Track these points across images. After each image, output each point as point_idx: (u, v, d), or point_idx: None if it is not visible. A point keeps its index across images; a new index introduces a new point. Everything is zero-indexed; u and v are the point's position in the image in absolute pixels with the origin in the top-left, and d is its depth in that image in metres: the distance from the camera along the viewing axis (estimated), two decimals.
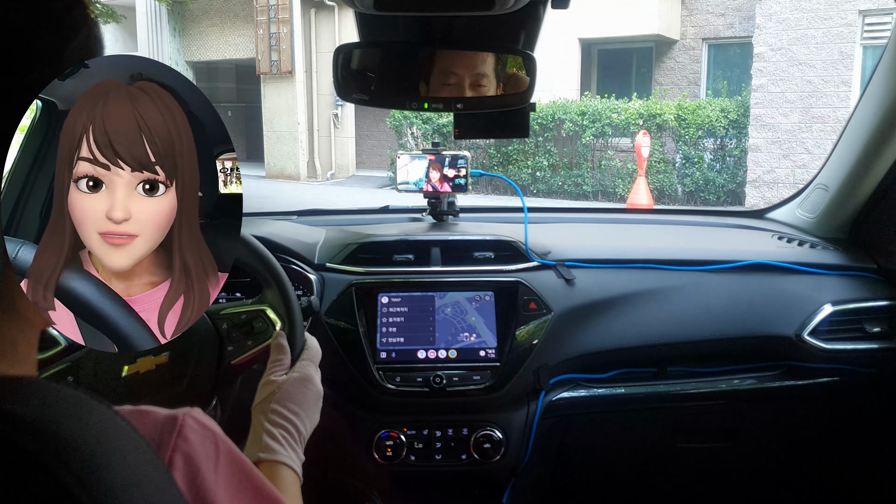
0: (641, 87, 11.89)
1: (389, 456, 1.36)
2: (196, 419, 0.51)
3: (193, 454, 0.49)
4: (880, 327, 1.48)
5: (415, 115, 10.42)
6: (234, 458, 0.53)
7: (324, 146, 12.80)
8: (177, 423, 0.50)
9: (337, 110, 12.68)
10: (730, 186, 9.37)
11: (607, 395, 1.47)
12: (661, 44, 11.83)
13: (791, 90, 8.66)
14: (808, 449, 1.66)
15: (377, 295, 1.41)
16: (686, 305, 1.48)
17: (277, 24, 12.14)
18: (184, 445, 0.49)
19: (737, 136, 9.38)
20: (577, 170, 10.12)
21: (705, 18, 11.55)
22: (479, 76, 1.08)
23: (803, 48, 8.54)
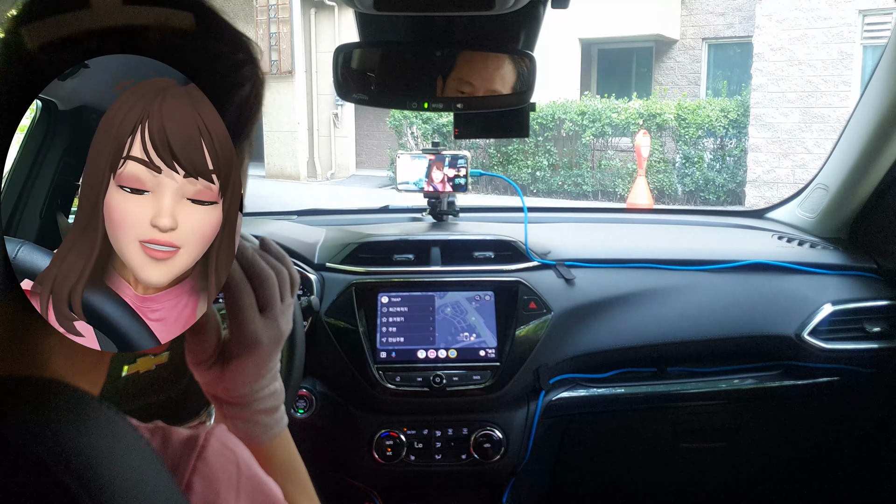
0: (641, 86, 11.88)
1: (389, 456, 1.36)
2: (219, 440, 0.50)
3: (213, 477, 0.48)
4: (880, 327, 1.48)
5: (415, 115, 10.41)
6: (256, 481, 0.52)
7: (324, 146, 12.80)
8: (197, 444, 0.48)
9: (337, 110, 12.67)
10: (730, 186, 9.37)
11: (607, 394, 1.47)
12: (661, 43, 11.83)
13: (791, 90, 8.66)
14: (808, 449, 1.66)
15: (377, 295, 1.41)
16: (686, 305, 1.48)
17: (277, 24, 12.13)
18: (203, 468, 0.48)
19: (737, 136, 9.38)
20: (577, 169, 10.11)
21: (705, 18, 11.54)
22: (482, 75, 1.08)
23: (803, 48, 8.53)
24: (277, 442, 0.65)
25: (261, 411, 0.63)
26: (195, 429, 0.50)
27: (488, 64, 1.09)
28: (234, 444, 0.52)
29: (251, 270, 0.59)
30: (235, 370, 0.60)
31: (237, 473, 0.50)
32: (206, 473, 0.48)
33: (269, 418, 0.64)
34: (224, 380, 0.60)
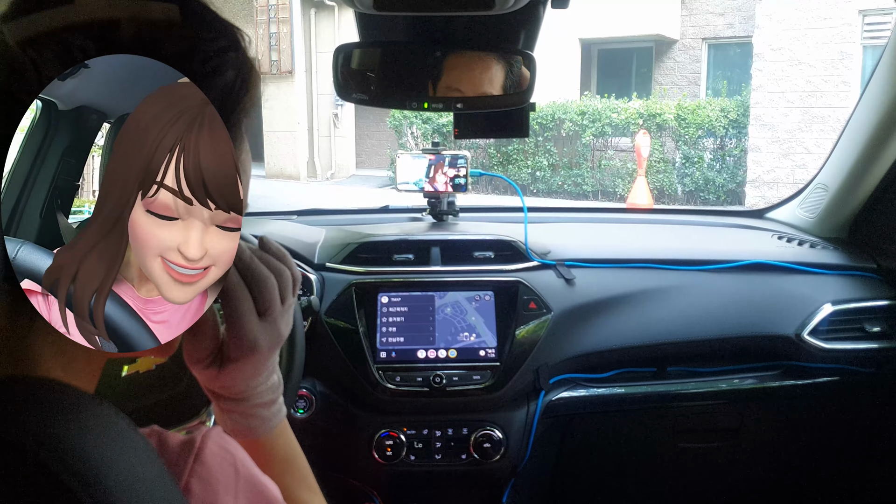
0: (641, 86, 11.89)
1: (389, 456, 1.36)
2: (215, 442, 0.50)
3: (211, 479, 0.48)
4: (880, 327, 1.48)
5: (415, 114, 10.41)
6: (254, 482, 0.51)
7: (324, 146, 12.80)
8: (194, 447, 0.48)
9: (337, 110, 12.67)
10: (730, 186, 9.37)
11: (607, 394, 1.47)
12: (661, 43, 11.83)
13: (791, 90, 8.66)
14: (808, 449, 1.66)
15: (377, 295, 1.41)
16: (686, 305, 1.48)
17: (277, 24, 12.13)
18: (201, 470, 0.48)
19: (737, 136, 9.38)
20: (577, 169, 10.11)
21: (705, 18, 11.55)
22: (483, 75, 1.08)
23: (803, 48, 8.53)
24: (276, 433, 0.65)
25: (258, 405, 0.63)
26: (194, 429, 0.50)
27: (473, 67, 1.08)
28: (232, 446, 0.51)
29: (249, 274, 0.57)
30: (233, 371, 0.60)
31: (235, 475, 0.50)
32: (204, 476, 0.48)
33: (266, 411, 0.63)
34: (221, 379, 0.60)
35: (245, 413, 0.62)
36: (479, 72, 1.08)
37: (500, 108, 1.13)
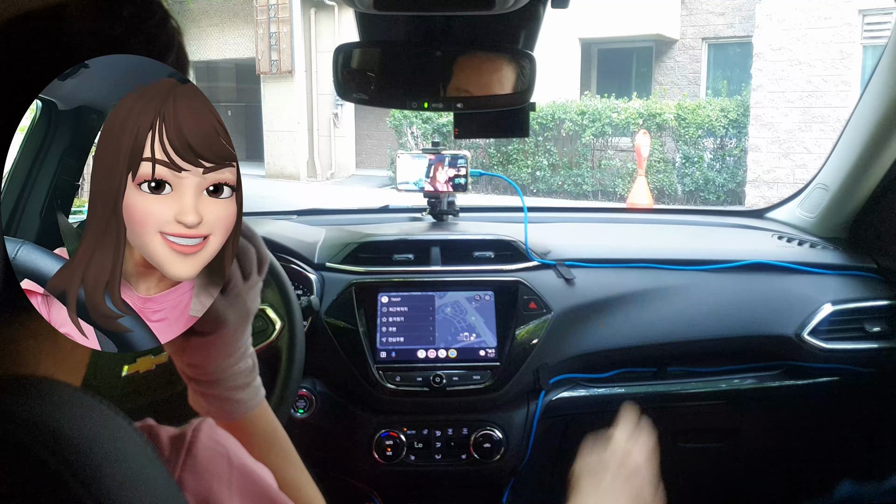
0: (641, 86, 11.89)
1: (389, 456, 1.36)
2: (207, 435, 0.50)
3: (204, 472, 0.48)
4: (880, 327, 1.48)
5: (415, 114, 10.42)
6: (247, 472, 0.51)
7: (324, 146, 12.80)
8: (185, 441, 0.48)
9: (337, 110, 12.67)
10: (730, 186, 9.37)
11: (607, 394, 1.47)
12: (661, 43, 11.83)
13: (791, 90, 8.66)
14: (808, 449, 1.66)
15: (377, 294, 1.41)
16: (686, 305, 1.48)
17: (277, 24, 12.13)
18: (193, 464, 0.48)
19: (737, 136, 9.38)
20: (577, 169, 10.11)
21: (705, 18, 11.55)
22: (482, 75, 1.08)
23: (803, 48, 8.53)
24: (255, 415, 0.65)
25: (233, 388, 0.63)
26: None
27: (483, 69, 1.08)
28: (224, 438, 0.51)
29: None
30: (199, 346, 0.59)
31: (228, 466, 0.50)
32: (197, 469, 0.48)
33: (242, 394, 0.63)
34: (188, 353, 0.60)
35: (220, 396, 0.62)
36: (488, 73, 1.08)
37: (500, 108, 1.13)
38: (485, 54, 1.09)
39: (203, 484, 0.47)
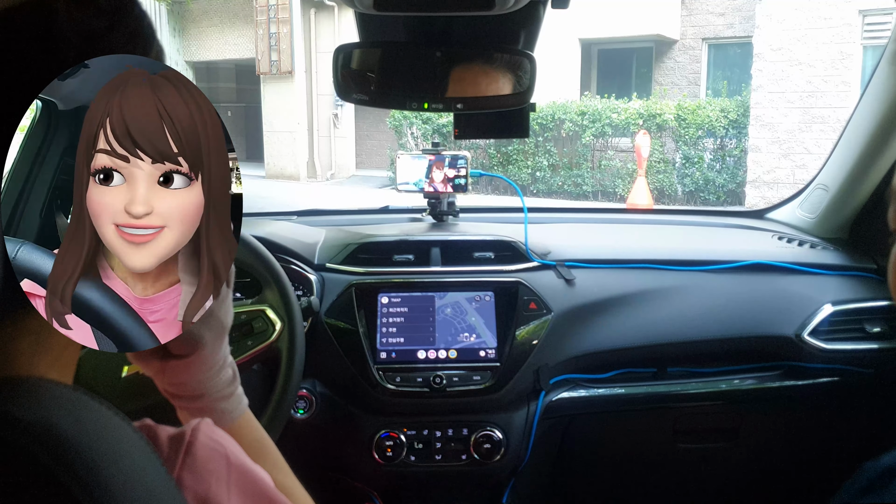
0: (641, 87, 11.89)
1: (389, 456, 1.36)
2: (206, 434, 0.50)
3: (203, 471, 0.48)
4: (880, 327, 1.48)
5: (415, 115, 10.42)
6: (246, 472, 0.51)
7: (324, 146, 12.80)
8: (184, 440, 0.48)
9: (337, 110, 12.67)
10: (730, 186, 9.37)
11: (607, 395, 1.47)
12: (661, 44, 11.83)
13: (791, 90, 8.66)
14: (808, 449, 1.66)
15: (377, 295, 1.41)
16: (686, 305, 1.48)
17: (277, 24, 12.13)
18: (192, 463, 0.48)
19: (737, 136, 9.38)
20: (577, 170, 10.11)
21: (705, 18, 11.55)
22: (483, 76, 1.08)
23: (803, 48, 8.53)
24: (240, 424, 0.65)
25: (216, 399, 0.63)
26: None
27: (483, 70, 1.08)
28: (222, 437, 0.51)
29: None
30: (178, 367, 0.60)
31: (227, 466, 0.50)
32: (196, 468, 0.48)
33: (225, 404, 0.64)
34: (168, 374, 0.60)
35: (204, 409, 0.63)
36: (484, 86, 1.08)
37: (500, 108, 1.13)
38: (485, 55, 1.09)
39: (202, 483, 0.47)
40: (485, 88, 1.08)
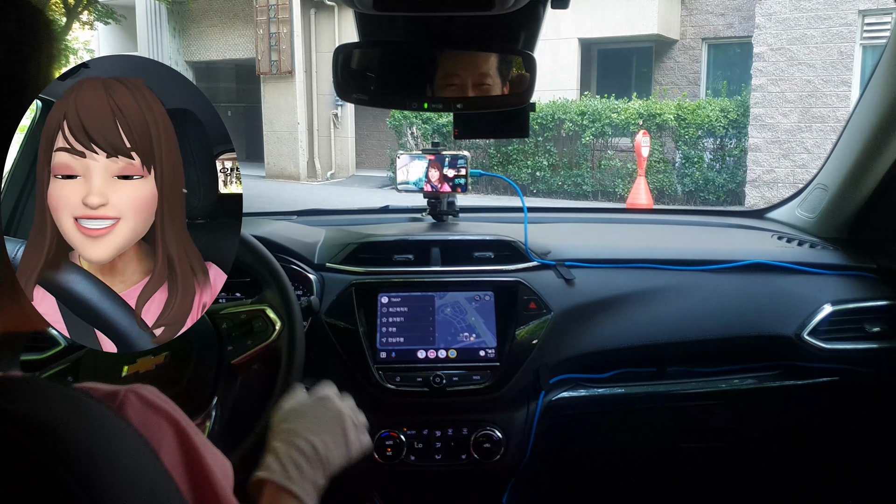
0: (641, 86, 11.88)
1: (389, 456, 1.36)
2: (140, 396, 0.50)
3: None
4: (880, 327, 1.48)
5: (415, 115, 10.41)
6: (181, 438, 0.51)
7: (323, 146, 12.80)
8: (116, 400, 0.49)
9: (337, 110, 12.67)
10: (729, 186, 9.37)
11: (607, 394, 1.47)
12: (661, 44, 11.83)
13: (791, 90, 8.66)
14: (808, 449, 1.66)
15: (377, 295, 1.41)
16: (686, 305, 1.48)
17: (277, 24, 12.13)
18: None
19: (736, 136, 9.38)
20: (577, 170, 10.11)
21: (705, 18, 11.54)
22: (483, 76, 1.08)
23: (803, 48, 8.53)
24: None
25: None
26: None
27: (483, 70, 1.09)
28: (162, 403, 0.51)
29: None
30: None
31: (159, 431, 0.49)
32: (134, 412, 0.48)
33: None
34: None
35: None
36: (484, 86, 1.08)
37: (500, 108, 1.13)
38: (484, 55, 1.09)
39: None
40: (484, 88, 1.09)
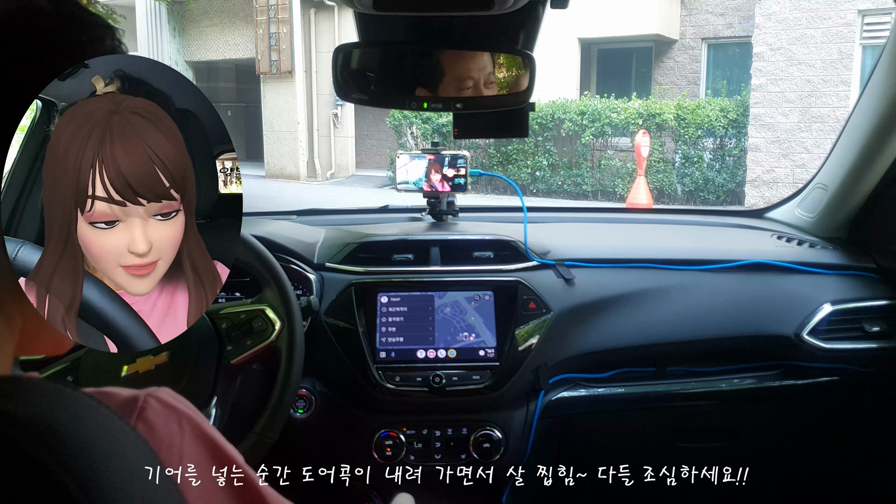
0: (641, 86, 11.88)
1: (389, 456, 1.36)
2: (160, 400, 0.50)
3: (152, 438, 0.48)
4: (879, 327, 1.48)
5: (414, 114, 10.41)
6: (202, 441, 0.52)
7: (323, 146, 12.79)
8: (137, 405, 0.49)
9: (337, 110, 12.67)
10: (729, 186, 9.37)
11: (607, 394, 1.47)
12: (661, 43, 11.83)
13: (791, 90, 8.66)
14: (808, 449, 1.66)
15: (377, 294, 1.41)
16: (685, 305, 1.48)
17: (277, 24, 12.12)
18: (143, 428, 0.48)
19: (736, 136, 9.38)
20: (577, 169, 10.11)
21: (705, 18, 11.54)
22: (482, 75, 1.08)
23: (802, 48, 8.53)
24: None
25: None
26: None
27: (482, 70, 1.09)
28: (179, 403, 0.52)
29: None
30: None
31: (179, 433, 0.50)
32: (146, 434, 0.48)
33: None
34: None
35: None
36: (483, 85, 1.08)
37: (500, 108, 1.13)
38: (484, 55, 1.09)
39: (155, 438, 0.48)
40: (484, 88, 1.09)
